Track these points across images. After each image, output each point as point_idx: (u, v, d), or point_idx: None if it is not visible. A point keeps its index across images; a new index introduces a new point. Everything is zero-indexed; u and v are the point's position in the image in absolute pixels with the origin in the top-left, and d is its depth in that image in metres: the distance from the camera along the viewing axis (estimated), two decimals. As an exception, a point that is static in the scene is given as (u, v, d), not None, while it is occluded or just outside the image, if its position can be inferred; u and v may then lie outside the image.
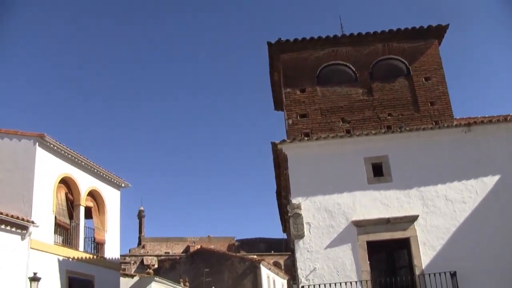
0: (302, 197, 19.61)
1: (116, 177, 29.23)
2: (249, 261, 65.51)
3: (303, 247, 19.17)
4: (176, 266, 65.31)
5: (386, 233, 19.08)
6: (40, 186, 23.05)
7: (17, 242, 21.43)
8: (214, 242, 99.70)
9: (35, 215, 22.28)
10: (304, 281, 18.74)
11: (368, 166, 19.83)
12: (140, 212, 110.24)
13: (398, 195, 19.43)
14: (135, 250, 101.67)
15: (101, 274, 26.35)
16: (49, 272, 22.70)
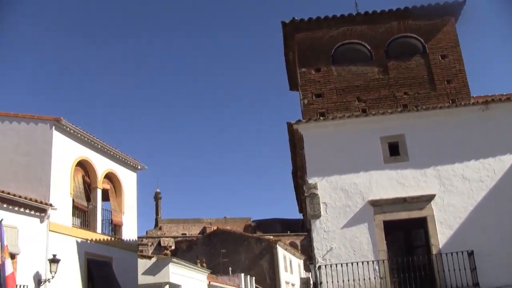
0: (318, 177, 19.60)
1: (133, 160, 29.35)
2: (265, 242, 65.77)
3: (320, 227, 19.20)
4: (193, 247, 65.75)
5: (403, 213, 19.05)
6: (57, 170, 23.20)
7: (36, 225, 21.63)
8: (231, 223, 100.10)
9: (53, 198, 22.46)
10: (321, 261, 18.78)
11: (385, 145, 19.76)
12: (156, 194, 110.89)
13: (414, 174, 19.36)
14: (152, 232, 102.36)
15: (119, 256, 26.56)
16: (68, 254, 22.92)
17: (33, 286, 20.77)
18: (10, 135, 23.62)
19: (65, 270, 22.29)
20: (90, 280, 24.24)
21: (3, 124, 23.89)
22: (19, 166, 22.98)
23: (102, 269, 25.22)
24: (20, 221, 20.67)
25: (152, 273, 30.86)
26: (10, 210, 20.31)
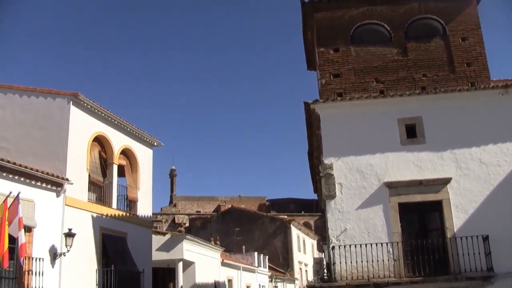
0: (334, 158, 19.56)
1: (149, 136, 29.40)
2: (279, 221, 65.98)
3: (335, 208, 19.20)
4: (207, 225, 66.12)
5: (418, 195, 19.00)
6: (74, 144, 23.29)
7: (53, 199, 21.79)
8: (245, 201, 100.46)
9: (70, 173, 22.58)
10: (335, 242, 18.80)
11: (402, 127, 19.66)
12: (172, 171, 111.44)
13: (431, 157, 19.26)
14: (167, 209, 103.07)
15: (134, 231, 26.72)
16: (83, 228, 23.09)
17: (48, 259, 20.98)
18: (28, 110, 23.72)
19: (80, 244, 22.47)
20: (105, 254, 24.43)
21: (21, 99, 23.99)
22: (37, 140, 23.10)
23: (116, 244, 25.39)
24: (36, 195, 20.84)
25: (166, 250, 31.07)
26: (27, 184, 20.47)
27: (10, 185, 19.39)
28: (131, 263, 25.36)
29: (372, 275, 18.18)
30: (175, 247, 31.39)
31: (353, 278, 18.24)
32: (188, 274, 33.13)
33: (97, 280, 23.61)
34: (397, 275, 18.19)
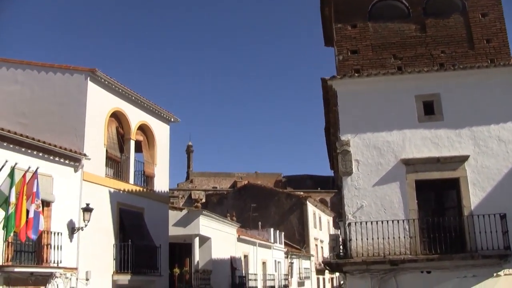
0: (351, 134, 19.49)
1: (166, 112, 29.45)
2: (295, 198, 66.12)
3: (351, 184, 19.16)
4: (223, 201, 66.43)
5: (436, 173, 18.89)
6: (91, 120, 23.41)
7: (71, 174, 21.98)
8: (261, 178, 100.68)
9: (87, 148, 22.73)
10: (351, 218, 18.80)
11: (419, 104, 19.51)
12: (188, 147, 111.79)
13: (449, 134, 19.12)
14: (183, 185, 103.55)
15: (151, 207, 26.91)
16: (101, 203, 23.30)
17: (66, 234, 21.23)
18: (46, 86, 23.85)
19: (97, 219, 22.70)
20: (122, 229, 24.67)
21: (39, 75, 24.11)
22: (55, 116, 23.25)
23: (133, 219, 25.62)
24: (55, 170, 21.03)
25: (182, 225, 31.26)
26: (46, 159, 20.65)
27: (29, 160, 19.58)
28: (148, 238, 25.59)
29: (388, 252, 18.18)
30: (191, 222, 31.58)
31: (369, 255, 18.26)
32: (204, 249, 33.36)
33: (114, 254, 23.88)
34: (413, 252, 18.18)
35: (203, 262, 33.06)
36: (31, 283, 19.23)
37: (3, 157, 18.54)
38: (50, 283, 20.07)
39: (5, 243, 18.44)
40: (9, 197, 17.71)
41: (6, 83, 24.37)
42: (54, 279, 20.22)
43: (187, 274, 32.21)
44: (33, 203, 18.32)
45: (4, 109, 23.72)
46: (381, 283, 18.04)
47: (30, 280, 19.11)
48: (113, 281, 23.52)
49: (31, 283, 19.24)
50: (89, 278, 21.96)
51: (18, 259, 19.27)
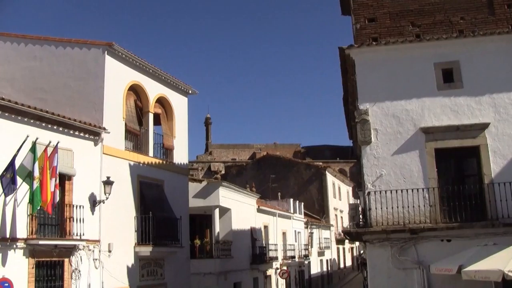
0: (369, 103, 19.39)
1: (184, 84, 29.44)
2: (314, 168, 66.18)
3: (370, 153, 19.12)
4: (242, 172, 66.68)
5: (455, 141, 18.76)
6: (110, 94, 23.49)
7: (91, 148, 22.15)
8: (280, 148, 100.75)
9: (106, 122, 22.85)
10: (370, 187, 18.79)
11: (438, 71, 19.30)
12: (207, 119, 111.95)
13: (468, 102, 18.93)
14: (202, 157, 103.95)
15: (170, 179, 27.08)
16: (121, 176, 23.49)
17: (88, 207, 21.47)
18: (64, 61, 23.94)
19: (118, 192, 22.91)
20: (143, 201, 24.88)
21: (57, 50, 24.20)
22: (73, 90, 23.37)
23: (154, 191, 25.81)
24: (75, 144, 21.20)
25: (202, 197, 31.49)
26: (66, 133, 20.82)
27: (49, 135, 19.76)
28: (168, 210, 25.80)
29: (407, 220, 18.19)
30: (211, 194, 31.80)
31: (388, 223, 18.29)
32: (224, 220, 33.62)
33: (135, 226, 24.15)
34: (433, 221, 18.16)
35: (224, 233, 33.33)
36: (55, 255, 19.58)
37: (24, 132, 18.71)
38: (73, 255, 20.40)
39: (29, 216, 18.73)
40: (33, 172, 17.92)
41: (25, 59, 24.51)
42: (77, 251, 20.55)
43: (208, 245, 32.53)
44: (53, 178, 18.55)
45: (24, 84, 23.91)
46: (401, 251, 18.09)
47: (54, 252, 19.45)
48: (135, 252, 23.83)
49: (55, 255, 19.58)
50: (111, 250, 22.27)
51: (42, 232, 19.58)
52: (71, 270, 20.31)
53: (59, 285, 19.94)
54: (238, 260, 34.42)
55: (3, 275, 17.49)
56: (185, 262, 27.77)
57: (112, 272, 22.12)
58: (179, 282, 26.82)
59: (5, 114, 18.44)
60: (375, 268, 18.61)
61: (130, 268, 23.48)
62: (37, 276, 18.97)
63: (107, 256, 22.07)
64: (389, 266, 18.16)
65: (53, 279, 19.75)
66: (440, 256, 17.17)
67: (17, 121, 18.92)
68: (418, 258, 17.96)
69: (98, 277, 21.58)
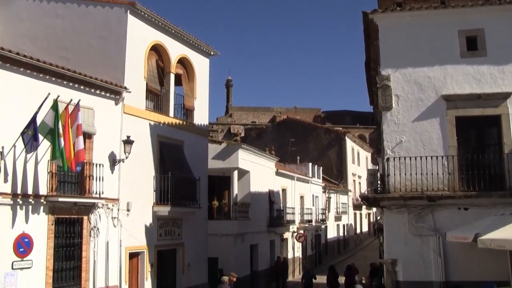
0: (391, 69, 19.26)
1: (205, 45, 29.32)
2: (334, 133, 66.11)
3: (390, 119, 19.06)
4: (262, 135, 66.76)
5: (477, 109, 18.65)
6: (131, 53, 23.47)
7: (111, 107, 22.23)
8: (300, 113, 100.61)
9: (127, 81, 22.87)
10: (390, 153, 18.79)
11: (462, 39, 19.08)
12: (228, 82, 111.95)
13: (492, 70, 18.73)
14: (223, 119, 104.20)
15: (190, 140, 27.15)
16: (141, 136, 23.58)
17: (108, 165, 21.65)
18: (86, 19, 23.91)
19: (138, 152, 23.06)
20: (162, 161, 25.02)
21: (79, 8, 24.15)
22: (95, 49, 23.38)
23: (173, 151, 25.92)
24: (96, 103, 21.30)
25: (221, 158, 31.63)
26: (87, 92, 20.91)
27: (71, 93, 19.85)
28: (187, 171, 25.95)
29: (426, 188, 18.21)
30: (230, 155, 31.93)
31: (406, 190, 18.32)
32: (243, 182, 33.79)
33: (154, 186, 24.34)
34: (451, 189, 18.17)
35: (242, 195, 33.54)
36: (74, 213, 19.85)
37: (46, 90, 18.80)
38: (92, 213, 20.66)
39: (49, 174, 18.96)
40: (57, 129, 18.04)
41: (47, 17, 24.51)
42: (96, 209, 20.80)
43: (226, 207, 32.79)
44: (80, 135, 18.71)
45: (46, 42, 23.94)
46: (418, 218, 18.17)
47: (73, 209, 19.72)
48: (153, 212, 24.07)
49: (75, 212, 19.85)
50: (130, 209, 22.52)
51: (62, 190, 19.82)
52: (89, 228, 20.61)
53: (78, 242, 20.26)
54: (255, 222, 34.70)
55: (23, 231, 17.82)
56: (202, 223, 28.04)
57: (130, 230, 22.41)
58: (197, 242, 27.14)
59: (27, 72, 18.53)
60: (392, 234, 18.73)
61: (148, 228, 23.78)
62: (56, 233, 19.27)
63: (125, 215, 22.33)
64: (405, 233, 18.27)
65: (72, 236, 20.06)
66: (457, 224, 17.24)
67: (39, 79, 19.01)
68: (435, 225, 18.04)
69: (116, 235, 21.87)
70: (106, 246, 21.25)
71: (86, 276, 20.32)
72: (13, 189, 17.69)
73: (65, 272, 19.73)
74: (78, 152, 18.56)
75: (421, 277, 17.95)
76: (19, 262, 17.62)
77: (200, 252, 27.52)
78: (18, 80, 18.26)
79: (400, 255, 18.31)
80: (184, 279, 25.91)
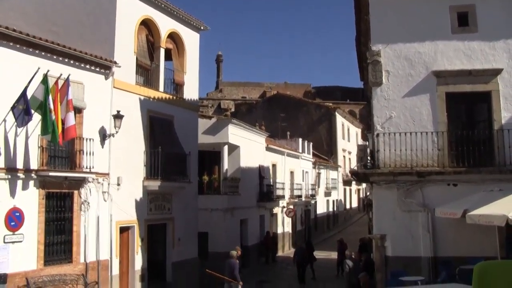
0: (382, 44, 19.24)
1: (196, 20, 29.14)
2: (324, 108, 66.13)
3: (381, 95, 19.09)
4: (252, 111, 66.70)
5: (467, 85, 18.70)
6: (121, 28, 23.30)
7: (101, 82, 22.12)
8: (291, 88, 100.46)
9: (117, 56, 22.74)
10: (380, 129, 18.84)
11: (453, 14, 19.06)
12: (218, 57, 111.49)
13: (482, 46, 18.76)
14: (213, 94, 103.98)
15: (180, 115, 27.09)
16: (131, 110, 23.50)
17: (98, 140, 21.61)
18: (76, -7, 23.70)
19: (128, 126, 23.00)
20: (152, 136, 24.97)
21: (69, -18, 23.92)
22: (85, 24, 23.19)
23: (164, 126, 25.88)
24: (86, 77, 21.20)
25: (211, 133, 31.63)
26: (77, 67, 20.78)
27: (60, 68, 19.73)
28: (177, 146, 25.94)
29: (415, 163, 18.32)
30: (220, 130, 31.94)
31: (396, 166, 18.42)
32: (233, 157, 33.84)
33: (144, 161, 24.33)
34: (441, 165, 18.28)
35: (232, 170, 33.61)
36: (65, 187, 19.86)
37: (35, 64, 18.69)
38: (83, 188, 20.68)
39: (40, 148, 18.92)
40: (48, 104, 17.96)
41: (36, -10, 24.27)
42: (86, 184, 20.81)
43: (216, 182, 32.85)
44: (71, 111, 18.67)
45: (36, 17, 23.69)
46: (407, 194, 18.30)
47: (64, 184, 19.73)
48: (143, 186, 24.10)
49: (65, 187, 19.87)
50: (120, 183, 22.53)
51: (52, 164, 19.80)
52: (80, 202, 20.63)
53: (69, 216, 20.30)
54: (245, 197, 34.82)
55: (14, 205, 17.85)
56: (193, 197, 28.11)
57: (120, 205, 22.45)
58: (187, 217, 27.23)
59: (16, 46, 18.40)
60: (381, 210, 18.87)
61: (138, 202, 23.82)
62: (47, 207, 19.32)
63: (116, 189, 22.35)
64: (394, 208, 18.41)
65: (62, 210, 20.10)
66: (446, 200, 17.36)
67: (28, 53, 18.88)
68: (424, 201, 18.19)
69: (107, 209, 21.91)
70: (97, 220, 21.31)
71: (77, 250, 20.40)
72: (4, 163, 17.68)
73: (57, 246, 19.79)
74: (69, 128, 18.53)
75: (410, 253, 18.14)
76: (10, 235, 17.68)
77: (190, 227, 27.63)
78: (7, 54, 18.15)
79: (389, 230, 18.48)
80: (175, 253, 26.02)
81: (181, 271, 25.92)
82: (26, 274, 18.21)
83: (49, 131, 17.91)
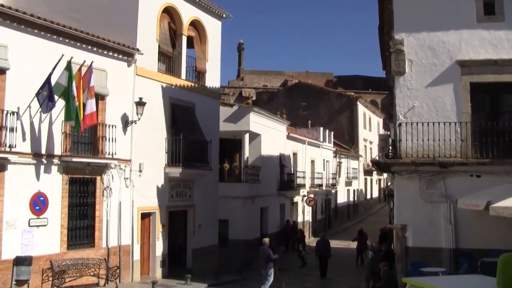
0: (405, 33, 19.01)
1: (218, 7, 29.12)
2: (346, 98, 65.82)
3: (403, 84, 18.90)
4: (273, 99, 66.57)
5: (492, 75, 18.42)
6: (144, 15, 23.36)
7: (124, 69, 22.24)
8: (312, 77, 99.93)
9: (140, 43, 22.82)
10: (402, 119, 18.68)
11: (479, 3, 18.74)
12: (239, 45, 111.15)
13: (509, 36, 18.44)
14: (234, 82, 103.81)
15: (202, 102, 27.15)
16: (153, 97, 23.61)
17: (120, 126, 21.76)
18: (99, -20, 23.77)
19: (150, 113, 23.11)
20: (174, 123, 25.07)
21: (92, -31, 23.98)
22: (108, 11, 23.26)
23: (185, 113, 25.95)
24: (108, 65, 21.32)
25: (233, 121, 31.66)
26: (100, 54, 20.92)
27: (84, 55, 19.89)
28: (199, 133, 26.01)
29: (437, 154, 18.13)
30: (242, 118, 31.96)
31: (418, 156, 18.24)
32: (254, 145, 33.85)
33: (166, 147, 24.44)
34: (464, 155, 18.08)
35: (253, 158, 33.64)
36: (87, 173, 20.09)
37: (59, 51, 18.86)
38: (105, 173, 20.87)
39: (63, 134, 19.12)
40: (71, 91, 18.15)
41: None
42: (109, 170, 21.01)
43: (237, 169, 32.92)
44: (92, 98, 18.84)
45: (59, 4, 23.80)
46: (429, 184, 18.14)
47: (87, 170, 19.94)
48: (165, 173, 24.22)
49: (88, 172, 20.09)
50: (142, 170, 22.69)
51: (75, 150, 20.00)
52: (102, 188, 20.84)
53: (91, 201, 20.54)
54: (266, 185, 34.85)
55: (39, 189, 18.14)
56: (213, 185, 28.20)
57: (142, 191, 22.61)
58: (207, 204, 27.34)
59: (40, 33, 18.59)
60: (402, 200, 18.75)
61: (159, 188, 23.96)
62: (70, 192, 19.61)
63: (137, 176, 22.51)
64: (416, 199, 18.27)
65: (85, 195, 20.34)
66: (469, 191, 17.12)
67: (52, 40, 19.08)
68: (446, 192, 18.01)
69: (129, 195, 22.09)
70: (119, 206, 21.53)
71: (99, 235, 20.66)
72: (29, 149, 17.97)
73: (79, 230, 20.11)
74: (91, 114, 18.70)
75: (431, 243, 18.00)
76: (35, 219, 18.02)
77: (210, 214, 27.75)
78: (32, 41, 18.35)
79: (410, 221, 18.35)
80: (195, 240, 26.17)
81: (201, 257, 26.07)
82: (50, 257, 18.57)
83: (72, 117, 18.12)
